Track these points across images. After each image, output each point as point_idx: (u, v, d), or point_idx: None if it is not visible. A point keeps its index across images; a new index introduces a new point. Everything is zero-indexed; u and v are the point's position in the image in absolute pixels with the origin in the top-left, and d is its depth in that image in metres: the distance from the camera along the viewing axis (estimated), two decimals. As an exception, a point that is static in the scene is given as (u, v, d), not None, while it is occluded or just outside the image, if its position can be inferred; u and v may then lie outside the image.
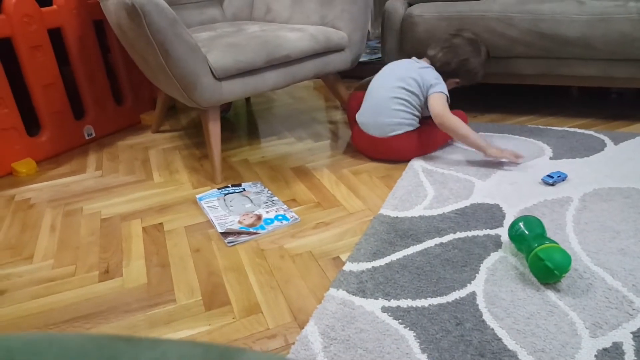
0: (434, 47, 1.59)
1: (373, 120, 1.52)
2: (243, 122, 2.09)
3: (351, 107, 1.70)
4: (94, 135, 1.91)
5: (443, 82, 1.52)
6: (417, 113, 1.52)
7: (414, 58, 1.61)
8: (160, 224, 1.30)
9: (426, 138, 1.54)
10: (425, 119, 1.55)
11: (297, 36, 1.53)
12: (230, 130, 1.98)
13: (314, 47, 1.57)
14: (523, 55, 1.73)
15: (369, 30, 2.52)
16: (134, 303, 1.01)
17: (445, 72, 1.55)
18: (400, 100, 1.49)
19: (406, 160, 1.54)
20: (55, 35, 1.72)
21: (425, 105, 1.51)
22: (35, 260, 1.18)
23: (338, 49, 1.68)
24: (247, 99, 2.38)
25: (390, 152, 1.54)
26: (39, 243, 1.25)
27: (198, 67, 1.34)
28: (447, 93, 1.50)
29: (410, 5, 1.87)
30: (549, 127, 1.72)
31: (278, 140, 1.83)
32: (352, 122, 1.66)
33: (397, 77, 1.52)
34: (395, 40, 1.90)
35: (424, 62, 1.58)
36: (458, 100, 2.11)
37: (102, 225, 1.32)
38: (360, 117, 1.57)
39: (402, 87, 1.50)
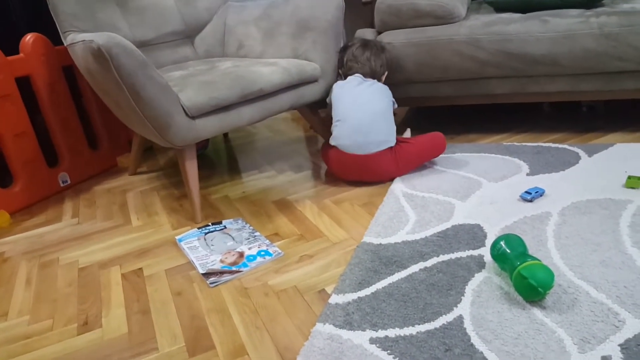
0: (362, 62, 1.69)
1: (360, 140, 1.53)
2: (222, 158, 2.08)
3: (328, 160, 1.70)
4: (69, 182, 1.88)
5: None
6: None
7: (360, 79, 1.67)
8: (140, 269, 1.27)
9: (403, 155, 1.57)
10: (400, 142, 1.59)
11: (270, 70, 1.54)
12: (209, 167, 1.96)
13: (288, 80, 1.58)
14: (494, 75, 1.77)
15: (341, 60, 2.56)
16: (115, 355, 0.97)
17: (383, 73, 1.75)
18: (388, 115, 1.60)
19: (386, 180, 1.56)
20: (25, 83, 1.70)
21: None
22: (10, 316, 1.14)
23: (312, 80, 1.69)
24: (225, 134, 2.38)
25: (372, 170, 1.55)
26: (14, 298, 1.21)
27: (170, 107, 1.34)
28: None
29: (379, 33, 1.91)
30: (524, 144, 1.75)
31: (259, 174, 1.82)
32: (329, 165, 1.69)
33: (377, 97, 1.62)
34: (367, 68, 1.92)
35: (369, 80, 1.68)
36: (436, 123, 2.14)
37: (80, 274, 1.28)
38: (342, 139, 1.56)
39: (385, 107, 1.61)
